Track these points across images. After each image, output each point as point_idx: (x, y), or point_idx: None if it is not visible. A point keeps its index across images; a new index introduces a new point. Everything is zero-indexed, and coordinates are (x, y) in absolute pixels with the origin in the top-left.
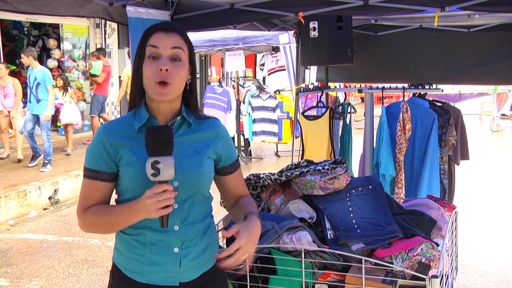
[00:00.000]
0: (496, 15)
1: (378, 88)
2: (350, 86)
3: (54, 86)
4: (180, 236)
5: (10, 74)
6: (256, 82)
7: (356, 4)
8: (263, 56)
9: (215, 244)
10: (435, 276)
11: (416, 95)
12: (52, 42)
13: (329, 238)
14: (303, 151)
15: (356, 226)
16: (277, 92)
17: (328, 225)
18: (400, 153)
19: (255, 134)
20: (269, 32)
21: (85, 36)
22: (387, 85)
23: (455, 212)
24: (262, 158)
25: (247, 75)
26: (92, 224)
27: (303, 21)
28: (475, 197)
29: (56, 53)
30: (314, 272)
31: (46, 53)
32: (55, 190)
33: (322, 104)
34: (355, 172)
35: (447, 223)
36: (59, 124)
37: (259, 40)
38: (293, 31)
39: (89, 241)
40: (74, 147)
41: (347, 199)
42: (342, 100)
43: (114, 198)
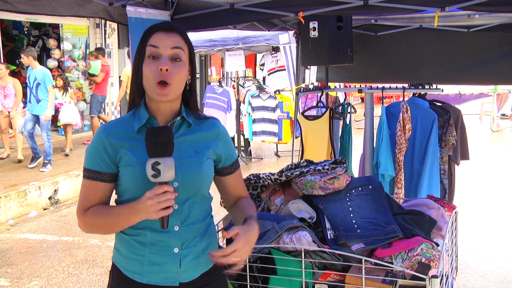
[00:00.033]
0: (496, 15)
1: (378, 88)
2: (350, 86)
3: (54, 86)
4: (180, 237)
5: (10, 74)
6: (256, 82)
7: (356, 4)
8: (263, 56)
9: (215, 244)
10: (435, 276)
11: (416, 95)
12: (52, 42)
13: (329, 238)
14: (303, 151)
15: (356, 226)
16: (277, 92)
17: (328, 225)
18: (400, 153)
19: (255, 134)
20: (269, 32)
21: (85, 36)
22: (387, 85)
23: (455, 212)
24: (262, 158)
25: (247, 75)
26: (92, 225)
27: (303, 21)
28: (475, 197)
29: (56, 53)
30: (314, 272)
31: (46, 53)
32: (55, 190)
33: (322, 104)
34: (355, 172)
35: (447, 223)
36: (59, 124)
37: (259, 40)
38: (293, 31)
39: (89, 241)
40: (74, 147)
41: (347, 199)
42: (342, 100)
43: (113, 198)
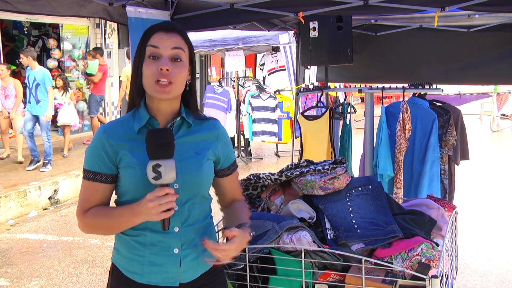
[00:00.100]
0: (496, 15)
1: (378, 88)
2: (350, 86)
3: (54, 87)
4: (180, 237)
5: (11, 74)
6: (256, 82)
7: (356, 4)
8: (263, 56)
9: None
10: (435, 276)
11: (416, 95)
12: (52, 42)
13: (329, 238)
14: (303, 151)
15: (356, 226)
16: (277, 92)
17: (328, 225)
18: (399, 153)
19: (255, 134)
20: (269, 32)
21: (85, 36)
22: (387, 85)
23: (455, 212)
24: (262, 158)
25: (247, 75)
26: (92, 226)
27: (303, 21)
28: (475, 197)
29: (56, 53)
30: (314, 272)
31: (46, 53)
32: (55, 190)
33: (322, 104)
34: (355, 172)
35: (447, 223)
36: (58, 124)
37: (259, 40)
38: (293, 31)
39: (89, 241)
40: (74, 147)
41: (347, 199)
42: (342, 100)
43: (113, 198)
